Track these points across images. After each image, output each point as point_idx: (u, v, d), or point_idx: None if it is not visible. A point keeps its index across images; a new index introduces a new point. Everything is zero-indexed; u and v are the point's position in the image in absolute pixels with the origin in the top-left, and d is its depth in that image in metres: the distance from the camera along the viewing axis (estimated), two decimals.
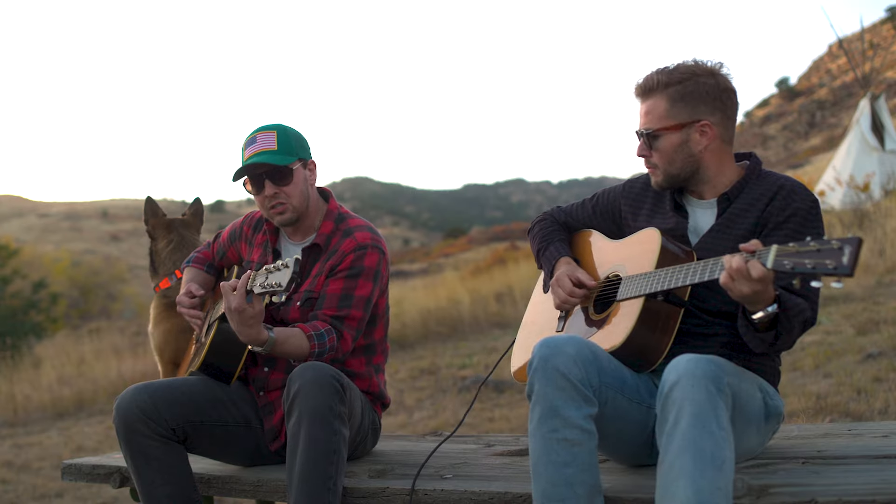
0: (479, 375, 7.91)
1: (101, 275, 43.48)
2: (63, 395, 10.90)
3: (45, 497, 5.90)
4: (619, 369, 2.22)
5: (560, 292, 2.52)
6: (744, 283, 1.96)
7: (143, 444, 2.62)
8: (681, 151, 2.36)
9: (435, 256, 35.38)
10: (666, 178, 2.41)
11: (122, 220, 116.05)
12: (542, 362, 2.10)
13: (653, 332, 2.26)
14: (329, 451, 2.45)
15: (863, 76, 16.39)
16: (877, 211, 11.66)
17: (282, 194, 2.79)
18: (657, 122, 2.36)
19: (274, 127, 2.83)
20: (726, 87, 2.34)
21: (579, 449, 2.05)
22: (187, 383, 2.77)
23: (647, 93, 2.38)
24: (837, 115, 46.21)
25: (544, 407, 2.07)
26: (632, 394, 2.22)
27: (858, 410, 4.56)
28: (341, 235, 2.85)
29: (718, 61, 2.36)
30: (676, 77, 2.33)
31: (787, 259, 1.84)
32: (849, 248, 1.73)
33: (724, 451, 1.91)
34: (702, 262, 2.13)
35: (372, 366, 2.94)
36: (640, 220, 2.53)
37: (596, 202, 2.71)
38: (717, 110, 2.33)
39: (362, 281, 2.79)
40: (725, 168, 2.39)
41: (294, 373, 2.52)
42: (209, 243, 3.24)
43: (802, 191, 2.30)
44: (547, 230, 2.78)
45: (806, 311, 2.14)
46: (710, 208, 2.41)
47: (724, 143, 2.37)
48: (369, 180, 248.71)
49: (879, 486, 1.97)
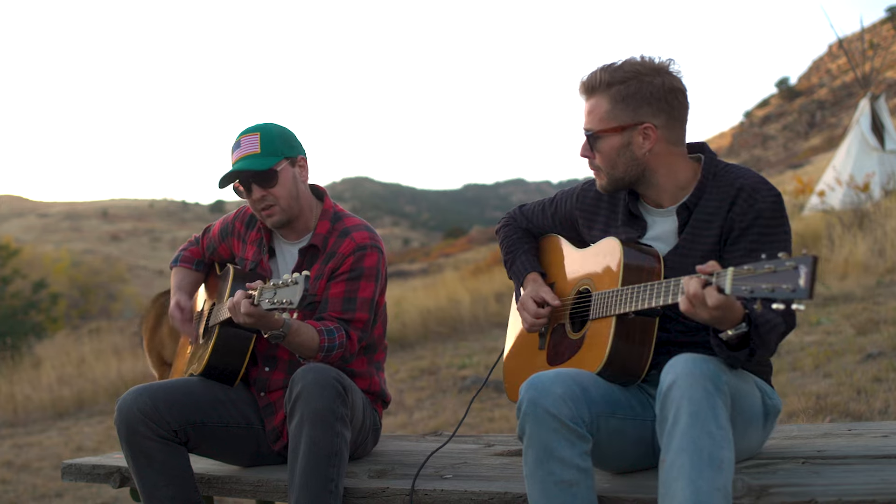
0: (478, 376, 7.91)
1: (101, 275, 43.51)
2: (63, 395, 10.89)
3: (45, 497, 5.89)
4: (609, 392, 2.18)
5: (526, 316, 2.49)
6: (702, 310, 1.91)
7: (144, 446, 2.62)
8: (623, 154, 2.26)
9: (435, 256, 35.38)
10: (609, 181, 2.33)
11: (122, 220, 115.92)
12: (532, 406, 2.06)
13: (631, 347, 2.22)
14: (331, 453, 2.45)
15: (863, 76, 16.39)
16: (877, 211, 11.64)
17: (270, 196, 2.77)
18: (598, 124, 2.26)
19: (258, 128, 2.81)
20: (673, 86, 2.23)
21: (577, 489, 2.03)
22: (188, 384, 2.77)
23: (590, 91, 2.28)
24: (837, 115, 46.20)
25: (538, 450, 2.05)
26: (625, 413, 2.19)
27: (858, 410, 4.56)
28: (338, 236, 2.84)
29: (669, 58, 2.25)
30: (619, 76, 2.22)
31: (744, 284, 1.79)
32: (804, 268, 1.68)
33: (723, 450, 1.89)
34: (665, 283, 2.07)
35: (373, 364, 2.94)
36: (596, 232, 2.47)
37: (555, 210, 2.65)
38: (662, 112, 2.23)
39: (364, 283, 2.78)
40: (676, 171, 2.30)
41: (296, 374, 2.51)
42: (197, 239, 3.21)
43: (764, 188, 2.19)
44: (511, 238, 2.72)
45: (780, 325, 2.07)
46: (669, 216, 2.32)
47: (670, 146, 2.27)
48: (369, 180, 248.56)
49: (879, 486, 1.97)
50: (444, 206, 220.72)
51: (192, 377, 2.84)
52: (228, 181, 2.81)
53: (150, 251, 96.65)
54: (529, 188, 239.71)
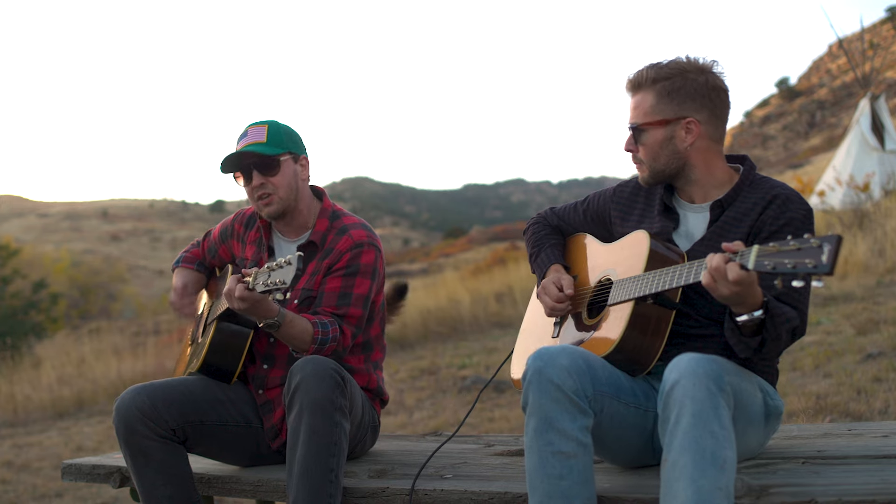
0: (478, 375, 7.91)
1: (101, 275, 43.56)
2: (63, 395, 10.90)
3: (45, 497, 5.89)
4: (615, 375, 2.20)
5: (547, 300, 2.52)
6: (723, 285, 1.95)
7: (143, 445, 2.62)
8: (666, 147, 2.34)
9: (435, 256, 35.39)
10: (651, 173, 2.40)
11: (122, 220, 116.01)
12: (536, 374, 2.08)
13: (644, 336, 2.25)
14: (330, 442, 2.45)
15: (863, 76, 16.40)
16: (877, 211, 11.65)
17: (269, 185, 2.80)
18: (643, 117, 2.35)
19: (266, 122, 2.86)
20: (716, 85, 2.32)
21: (575, 461, 2.03)
22: (186, 383, 2.77)
23: (636, 88, 2.38)
24: (837, 115, 46.21)
25: (539, 419, 2.06)
26: (628, 399, 2.20)
27: (858, 410, 4.56)
28: (336, 233, 2.86)
29: (713, 59, 2.33)
30: (665, 73, 2.31)
31: (767, 259, 1.83)
32: (828, 246, 1.72)
33: (726, 450, 1.90)
34: (688, 264, 2.11)
35: (370, 362, 2.95)
36: (630, 224, 2.52)
37: (587, 207, 2.70)
38: (705, 108, 2.31)
39: (360, 279, 2.80)
40: (714, 169, 2.37)
41: (295, 366, 2.52)
42: (199, 241, 3.23)
43: (797, 199, 2.27)
44: (539, 234, 2.77)
45: (794, 319, 2.12)
46: (702, 213, 2.39)
47: (711, 142, 2.35)
48: (369, 180, 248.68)
49: (879, 486, 1.97)
50: (444, 206, 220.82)
51: (190, 376, 2.85)
52: (231, 161, 2.82)
53: (150, 251, 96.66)
54: (529, 188, 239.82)
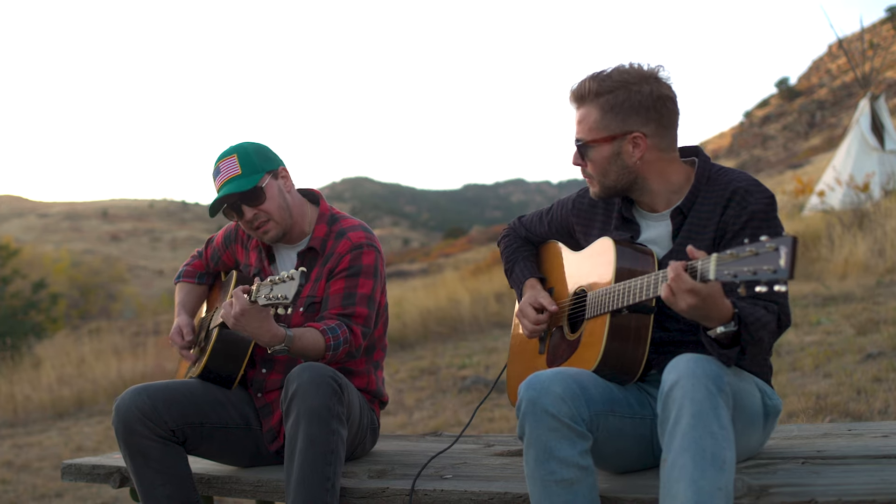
0: (478, 376, 7.91)
1: (101, 275, 43.57)
2: (63, 395, 10.89)
3: (45, 497, 5.89)
4: (607, 390, 2.18)
5: (526, 322, 2.50)
6: (681, 297, 1.92)
7: (142, 445, 2.62)
8: (614, 163, 2.28)
9: (435, 256, 35.38)
10: (602, 189, 2.35)
11: (122, 220, 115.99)
12: (531, 405, 2.06)
13: (626, 346, 2.22)
14: (327, 451, 2.45)
15: (863, 76, 16.39)
16: (877, 211, 11.65)
17: (261, 214, 2.80)
18: (588, 133, 2.28)
19: (233, 150, 2.83)
20: (661, 94, 2.23)
21: (578, 487, 2.03)
22: (187, 385, 2.77)
23: (580, 101, 2.29)
24: (837, 115, 46.20)
25: (538, 449, 2.05)
26: (624, 411, 2.19)
27: (858, 410, 4.56)
28: (335, 237, 2.86)
29: (658, 65, 2.25)
30: (608, 86, 2.23)
31: (727, 268, 1.80)
32: (784, 248, 1.70)
33: (725, 450, 1.90)
34: (653, 274, 2.09)
35: (371, 363, 2.95)
36: (592, 237, 2.48)
37: (551, 218, 2.67)
38: (651, 121, 2.23)
39: (362, 279, 2.80)
40: (669, 176, 2.31)
41: (292, 373, 2.52)
42: (200, 252, 3.22)
43: (756, 190, 2.20)
44: (511, 247, 2.76)
45: (770, 322, 2.08)
46: (663, 221, 2.34)
47: (661, 153, 2.27)
48: (369, 180, 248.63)
49: (879, 486, 1.97)
50: (444, 206, 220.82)
51: (191, 379, 2.85)
52: (218, 207, 2.82)
53: (150, 251, 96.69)
54: (529, 188, 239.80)
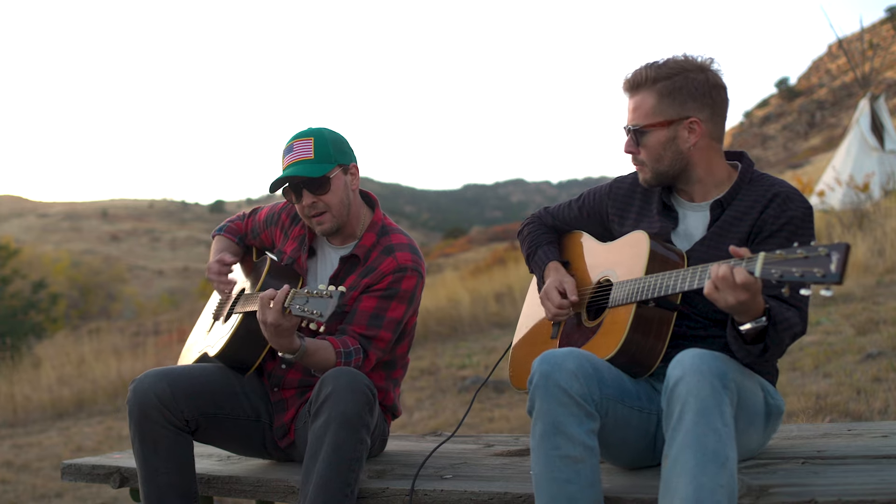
0: (478, 376, 7.91)
1: (101, 275, 43.59)
2: (63, 395, 10.90)
3: (45, 497, 5.89)
4: (619, 378, 2.19)
5: (549, 305, 2.50)
6: (728, 293, 1.92)
7: (154, 432, 2.60)
8: (669, 148, 2.31)
9: (435, 256, 35.32)
10: (654, 175, 2.37)
11: (122, 220, 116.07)
12: (543, 379, 2.06)
13: (646, 339, 2.24)
14: (353, 458, 2.43)
15: (862, 76, 16.41)
16: (876, 211, 11.65)
17: (320, 203, 2.73)
18: (645, 119, 2.32)
19: (311, 133, 2.76)
20: (716, 83, 2.29)
21: (582, 465, 2.03)
22: (206, 373, 2.75)
23: (635, 88, 2.34)
24: (837, 115, 46.18)
25: (546, 423, 2.05)
26: (632, 402, 2.20)
27: (858, 410, 4.56)
28: (382, 251, 2.78)
29: (709, 56, 2.31)
30: (665, 72, 2.28)
31: (774, 267, 1.81)
32: (836, 254, 1.71)
33: (728, 447, 1.90)
34: (691, 269, 2.10)
35: (391, 380, 2.92)
36: (628, 224, 2.50)
37: (582, 203, 2.67)
38: (706, 107, 2.29)
39: (396, 303, 2.73)
40: (715, 167, 2.35)
41: (328, 375, 2.48)
42: (244, 215, 3.16)
43: (797, 198, 2.25)
44: (535, 233, 2.76)
45: (796, 325, 2.11)
46: (701, 212, 2.37)
47: (713, 141, 2.33)
48: (369, 180, 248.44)
49: (879, 486, 1.97)
50: (444, 206, 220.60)
51: (206, 359, 2.82)
52: (280, 184, 2.75)
53: (150, 251, 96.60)
54: (529, 188, 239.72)
